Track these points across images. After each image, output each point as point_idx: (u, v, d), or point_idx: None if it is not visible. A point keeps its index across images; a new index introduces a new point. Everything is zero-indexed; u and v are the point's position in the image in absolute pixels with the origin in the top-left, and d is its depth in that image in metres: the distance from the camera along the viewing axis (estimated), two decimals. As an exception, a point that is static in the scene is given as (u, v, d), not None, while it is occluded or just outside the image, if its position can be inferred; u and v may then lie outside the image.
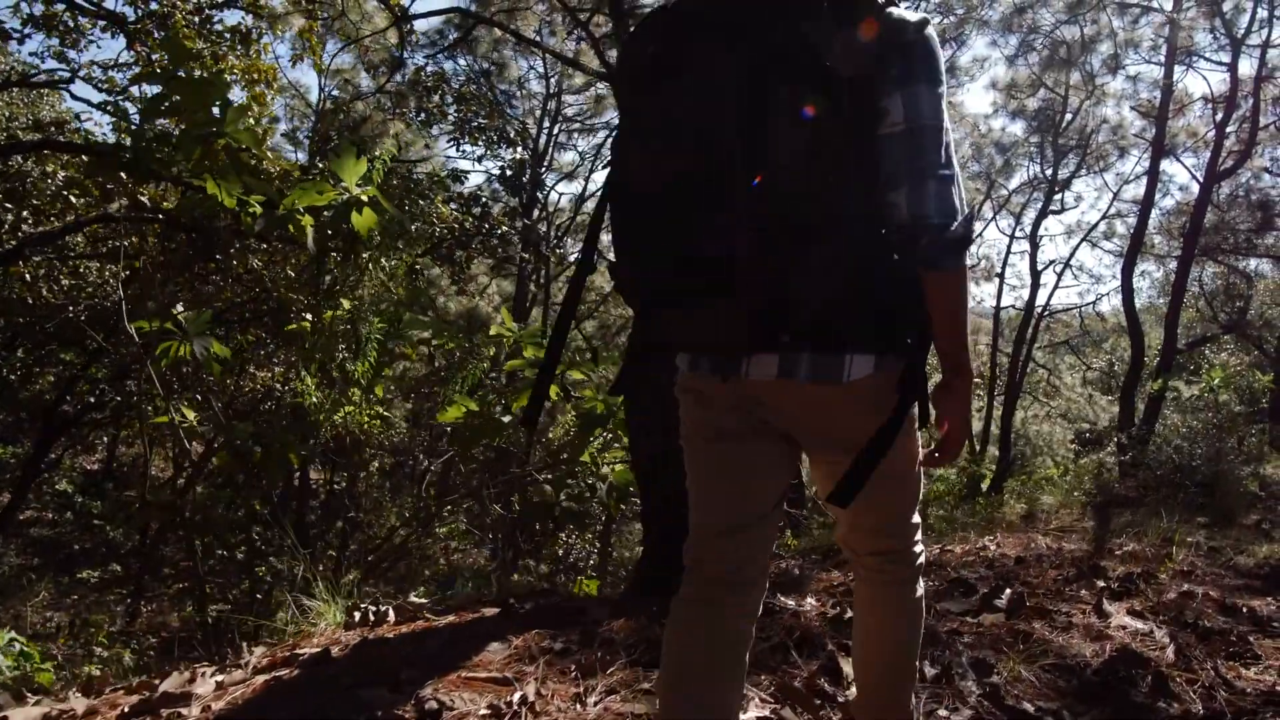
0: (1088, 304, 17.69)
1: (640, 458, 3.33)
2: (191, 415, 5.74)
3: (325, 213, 4.32)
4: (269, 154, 12.13)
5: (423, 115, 12.46)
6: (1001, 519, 8.07)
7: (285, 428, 5.09)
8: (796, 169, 1.45)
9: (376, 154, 4.82)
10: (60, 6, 10.43)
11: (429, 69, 12.82)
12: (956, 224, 1.52)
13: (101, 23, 11.27)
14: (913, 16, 1.56)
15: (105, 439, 17.77)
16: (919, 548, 1.88)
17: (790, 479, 1.82)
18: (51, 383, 12.16)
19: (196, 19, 10.72)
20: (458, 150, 13.44)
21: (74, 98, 11.54)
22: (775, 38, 1.47)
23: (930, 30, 1.56)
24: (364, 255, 5.42)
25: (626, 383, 2.60)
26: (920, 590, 1.90)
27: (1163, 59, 12.46)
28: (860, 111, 1.50)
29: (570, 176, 18.36)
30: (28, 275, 10.14)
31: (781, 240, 1.45)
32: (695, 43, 1.53)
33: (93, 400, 11.06)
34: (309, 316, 5.62)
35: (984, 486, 13.57)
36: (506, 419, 4.96)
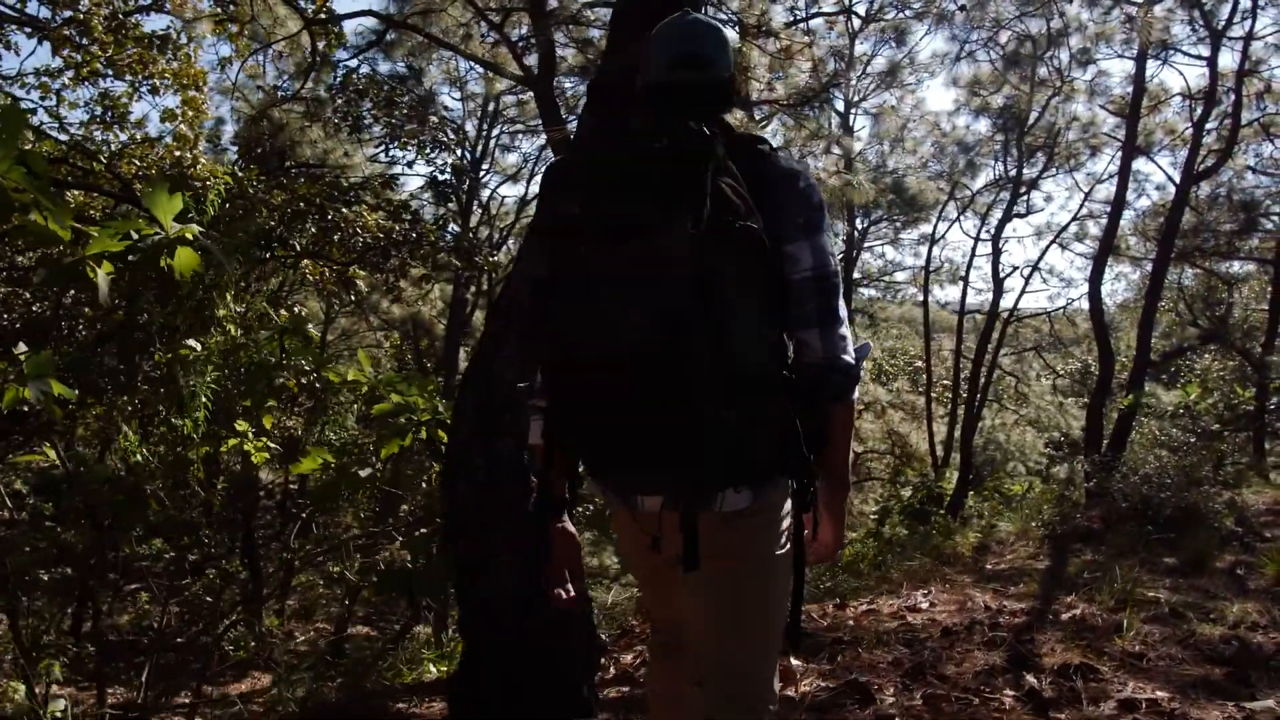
0: (1058, 308, 17.17)
1: (461, 554, 2.63)
2: (52, 454, 5.08)
3: (130, 256, 3.59)
4: (202, 158, 11.53)
5: (349, 120, 11.76)
6: (952, 550, 7.44)
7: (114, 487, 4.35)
8: (744, 326, 1.56)
9: (214, 183, 4.08)
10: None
11: (361, 71, 12.13)
12: (856, 362, 1.71)
13: (26, 29, 10.64)
14: (797, 164, 1.73)
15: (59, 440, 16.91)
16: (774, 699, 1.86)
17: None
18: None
19: (110, 23, 10.10)
20: (386, 155, 12.67)
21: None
22: (700, 194, 1.53)
23: (812, 176, 1.75)
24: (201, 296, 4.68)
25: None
26: None
27: (1135, 53, 11.85)
28: (769, 260, 1.60)
29: (514, 179, 17.71)
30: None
31: (733, 394, 1.54)
32: (626, 204, 1.58)
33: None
34: (191, 342, 4.95)
35: (945, 501, 13.00)
36: (365, 473, 4.27)
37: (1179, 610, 4.30)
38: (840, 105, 15.55)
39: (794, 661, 3.55)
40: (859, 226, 17.63)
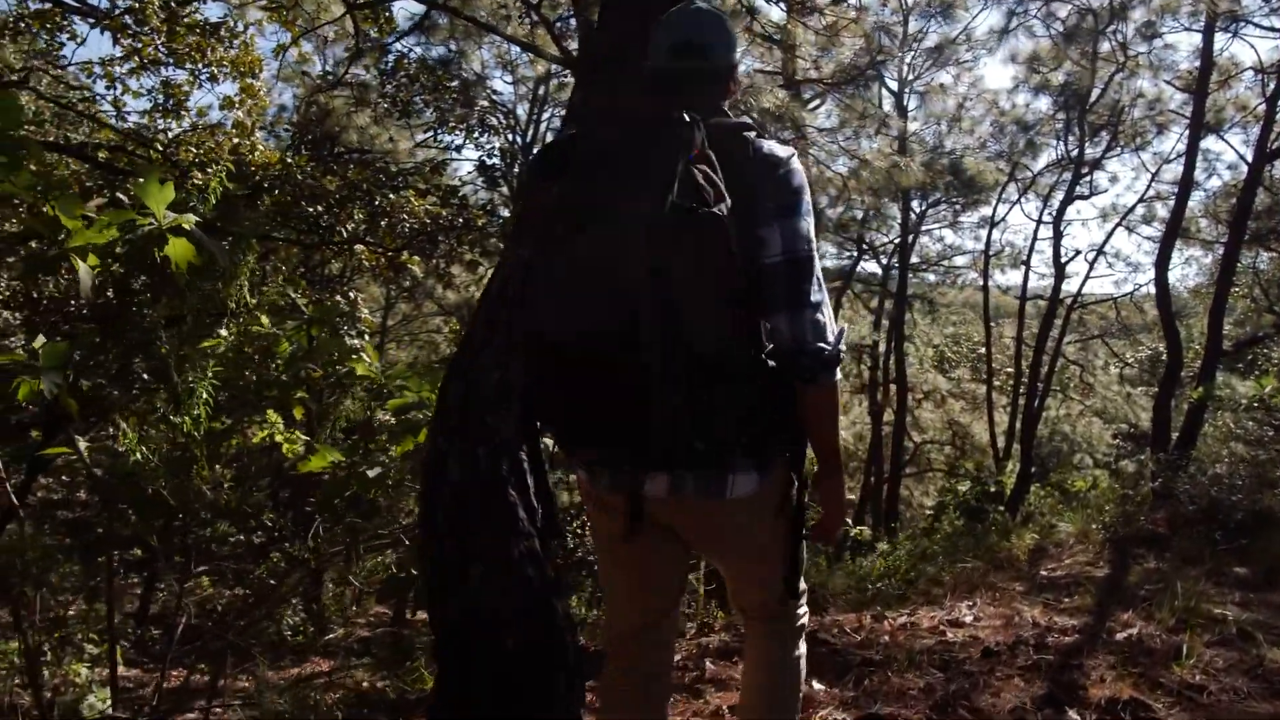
0: (1124, 294, 16.45)
1: (432, 568, 2.46)
2: (84, 445, 5.06)
3: (118, 248, 3.49)
4: (260, 145, 11.60)
5: (399, 105, 11.68)
6: (1006, 553, 7.09)
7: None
8: (702, 311, 1.60)
9: (213, 173, 3.96)
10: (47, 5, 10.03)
11: (412, 55, 12.04)
12: (830, 345, 1.72)
13: (90, 20, 10.80)
14: (780, 150, 1.76)
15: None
16: (802, 610, 2.16)
17: (686, 575, 2.18)
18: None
19: (164, 11, 10.18)
20: (435, 140, 12.59)
21: (41, 96, 10.94)
22: (669, 179, 1.56)
23: (797, 161, 1.78)
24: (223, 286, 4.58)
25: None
26: (800, 650, 2.17)
27: (1202, 25, 11.17)
28: (741, 243, 1.63)
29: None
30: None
31: (687, 379, 1.58)
32: (601, 188, 1.66)
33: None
34: (223, 332, 4.89)
35: (1005, 495, 12.56)
36: (374, 472, 4.13)
37: (1247, 631, 3.96)
38: (893, 84, 15.06)
39: (816, 685, 3.33)
40: (916, 210, 17.08)
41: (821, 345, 1.71)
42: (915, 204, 16.75)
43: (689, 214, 1.55)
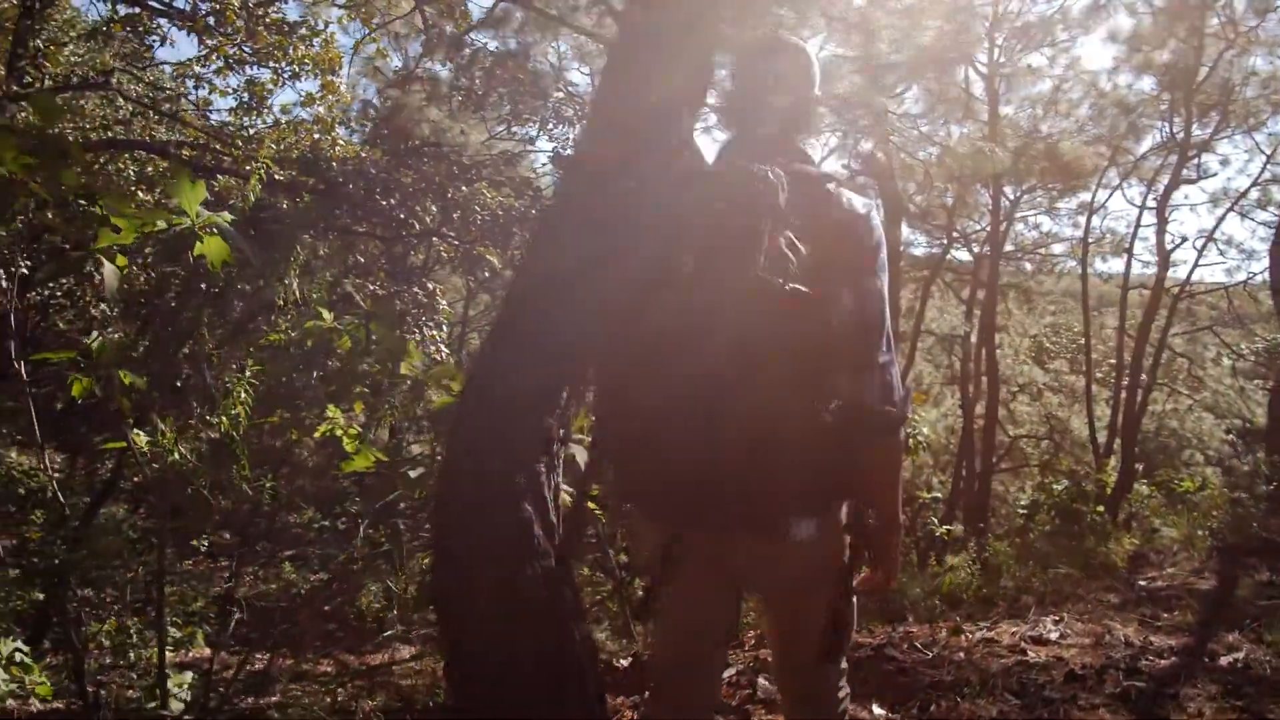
0: (1237, 283, 15.41)
1: (439, 592, 2.29)
2: (142, 441, 5.11)
3: (148, 248, 3.43)
4: (341, 141, 11.76)
5: (473, 98, 11.65)
6: (1103, 559, 6.63)
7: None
8: (774, 374, 1.62)
9: (253, 170, 3.89)
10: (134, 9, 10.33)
11: (488, 47, 12.01)
12: (895, 407, 1.73)
13: (177, 22, 11.09)
14: (860, 203, 1.75)
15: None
16: (843, 692, 2.02)
17: (737, 614, 2.11)
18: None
19: (243, 11, 10.38)
20: (508, 132, 12.54)
21: (123, 98, 11.28)
22: (754, 249, 1.59)
23: (875, 215, 1.77)
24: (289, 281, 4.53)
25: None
26: None
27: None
28: (814, 301, 1.63)
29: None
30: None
31: (754, 440, 1.64)
32: (679, 254, 1.69)
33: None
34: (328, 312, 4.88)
35: (1106, 494, 11.87)
36: (415, 473, 4.02)
37: (1372, 661, 3.54)
38: (983, 67, 14.38)
39: (876, 710, 3.07)
40: (1009, 196, 16.34)
41: (885, 406, 1.71)
42: (1009, 190, 16.04)
43: (774, 289, 1.56)
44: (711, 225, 1.67)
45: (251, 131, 11.05)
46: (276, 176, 10.83)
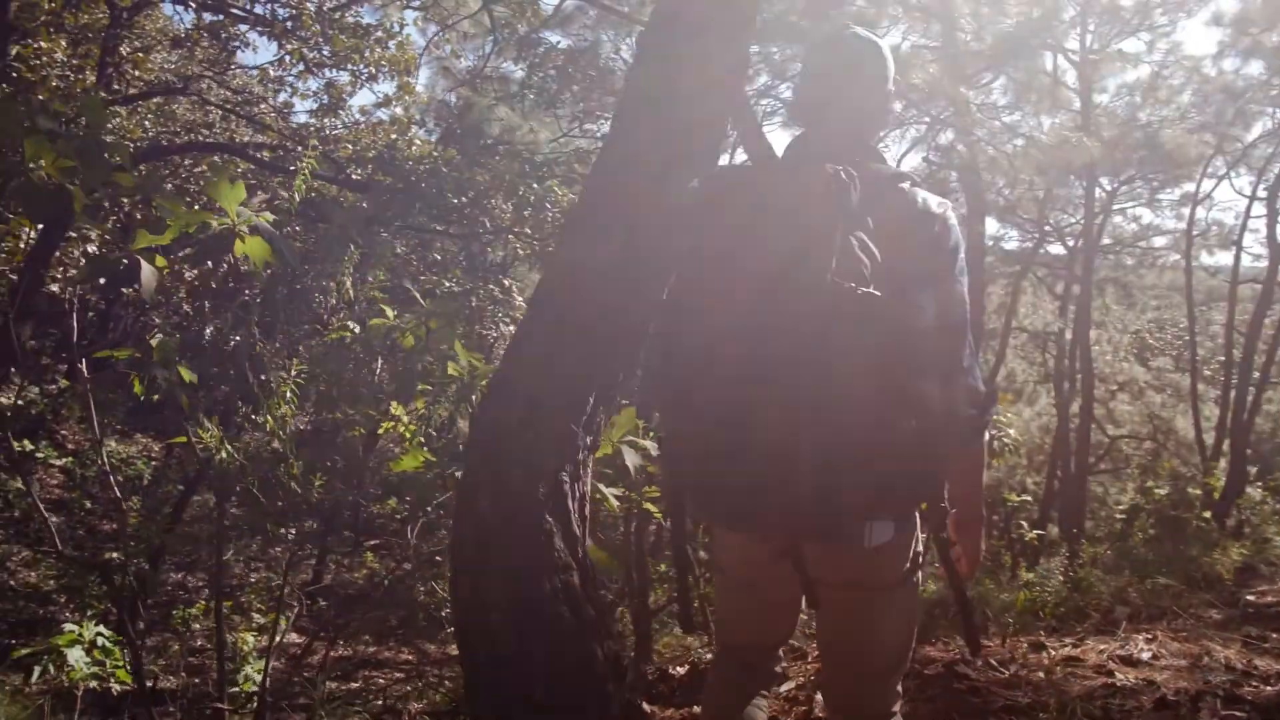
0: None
1: (459, 601, 2.17)
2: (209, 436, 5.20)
3: (186, 249, 3.41)
4: (418, 140, 11.90)
5: (545, 95, 11.64)
6: (1206, 571, 6.20)
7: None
8: (849, 382, 1.55)
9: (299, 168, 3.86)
10: (220, 16, 10.63)
11: (559, 45, 12.00)
12: (981, 411, 1.73)
13: (259, 29, 11.38)
14: (935, 203, 1.70)
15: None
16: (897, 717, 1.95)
17: (799, 613, 2.08)
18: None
19: (317, 19, 10.58)
20: (580, 129, 12.50)
21: (206, 102, 11.61)
22: (826, 250, 1.52)
23: (952, 215, 1.71)
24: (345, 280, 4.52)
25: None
26: None
27: None
28: (892, 307, 1.56)
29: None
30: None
31: (834, 436, 1.55)
32: (750, 245, 1.61)
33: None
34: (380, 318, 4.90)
35: (1213, 498, 11.21)
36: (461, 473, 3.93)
37: None
38: (1075, 54, 13.70)
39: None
40: (1106, 188, 15.57)
41: (973, 412, 1.72)
42: (1105, 181, 15.28)
43: (848, 294, 1.51)
44: (782, 226, 1.59)
45: (329, 132, 11.24)
46: (354, 176, 10.99)
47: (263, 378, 3.44)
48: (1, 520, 10.57)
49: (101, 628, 4.40)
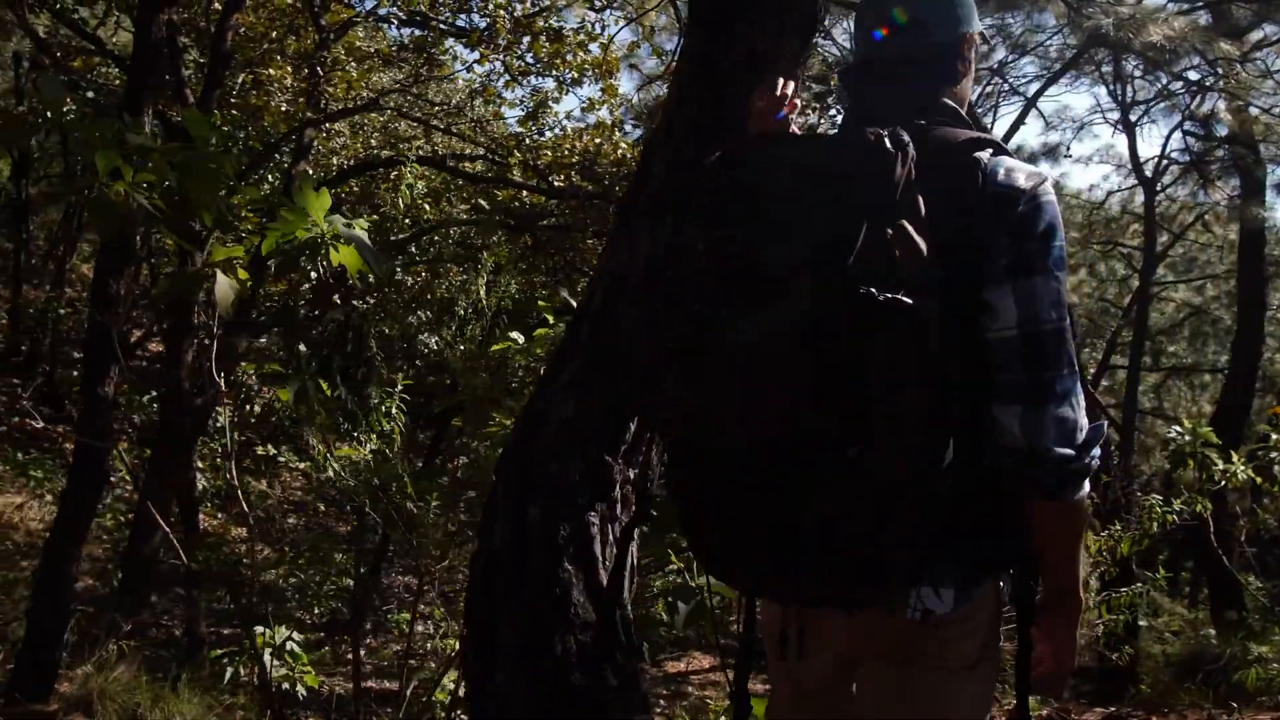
0: None
1: (470, 643, 1.93)
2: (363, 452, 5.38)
3: (272, 260, 3.41)
4: (624, 143, 12.00)
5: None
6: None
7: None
8: (886, 408, 1.19)
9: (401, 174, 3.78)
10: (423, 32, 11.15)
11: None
12: (1077, 451, 1.30)
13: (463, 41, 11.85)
14: (1023, 176, 1.34)
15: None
16: None
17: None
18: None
19: (511, 26, 10.85)
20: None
21: (406, 117, 12.20)
22: (845, 244, 1.18)
23: (1046, 191, 1.34)
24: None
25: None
26: None
27: None
28: (957, 310, 1.27)
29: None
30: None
31: (870, 503, 1.21)
32: (757, 249, 1.26)
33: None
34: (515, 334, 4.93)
35: None
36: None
37: None
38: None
39: None
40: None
41: (1065, 452, 1.30)
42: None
43: (868, 299, 1.16)
44: (797, 212, 1.26)
45: (528, 140, 11.46)
46: (556, 183, 11.13)
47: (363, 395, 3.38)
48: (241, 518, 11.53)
49: (294, 633, 4.54)
